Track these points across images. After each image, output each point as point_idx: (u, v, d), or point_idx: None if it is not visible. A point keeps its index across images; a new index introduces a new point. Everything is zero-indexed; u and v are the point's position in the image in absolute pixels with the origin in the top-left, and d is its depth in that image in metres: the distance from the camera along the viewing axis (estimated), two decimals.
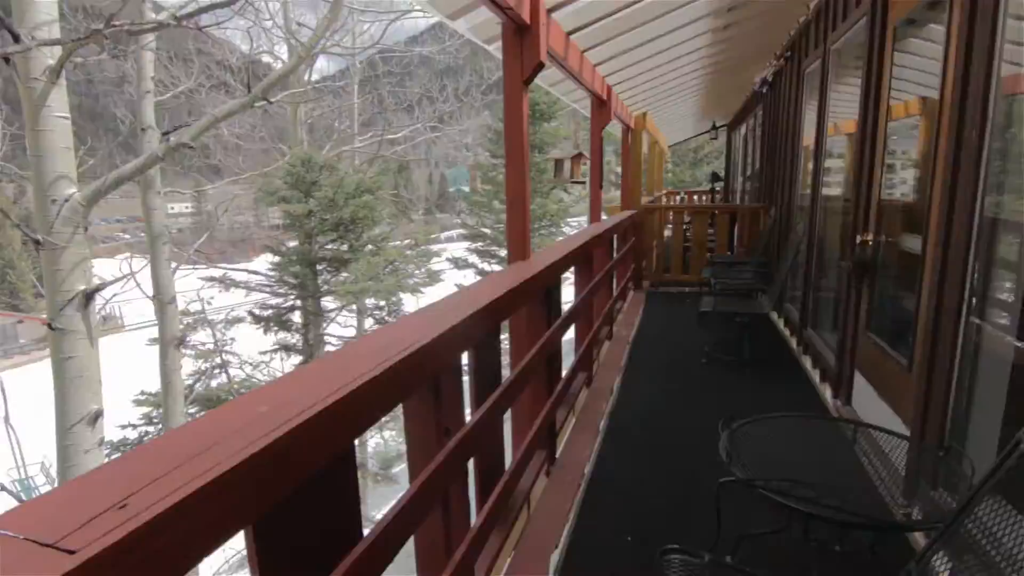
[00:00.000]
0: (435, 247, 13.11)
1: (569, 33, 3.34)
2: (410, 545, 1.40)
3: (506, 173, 2.69)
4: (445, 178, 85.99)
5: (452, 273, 16.11)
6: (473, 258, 18.85)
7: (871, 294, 3.18)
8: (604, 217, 5.73)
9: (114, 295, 5.04)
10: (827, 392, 3.81)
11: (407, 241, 12.73)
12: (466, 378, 1.84)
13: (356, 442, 1.23)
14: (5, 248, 52.46)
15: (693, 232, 7.21)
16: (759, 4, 4.48)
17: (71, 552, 0.60)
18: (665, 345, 5.01)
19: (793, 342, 4.94)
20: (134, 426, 10.43)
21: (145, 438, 10.41)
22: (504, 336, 2.55)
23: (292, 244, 12.02)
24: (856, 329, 3.33)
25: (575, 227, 22.32)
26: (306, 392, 1.03)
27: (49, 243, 3.65)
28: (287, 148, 13.08)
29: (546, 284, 2.67)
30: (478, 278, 18.72)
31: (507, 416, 2.19)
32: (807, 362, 4.40)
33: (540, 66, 2.59)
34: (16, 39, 3.50)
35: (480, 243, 19.05)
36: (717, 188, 12.88)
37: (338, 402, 1.01)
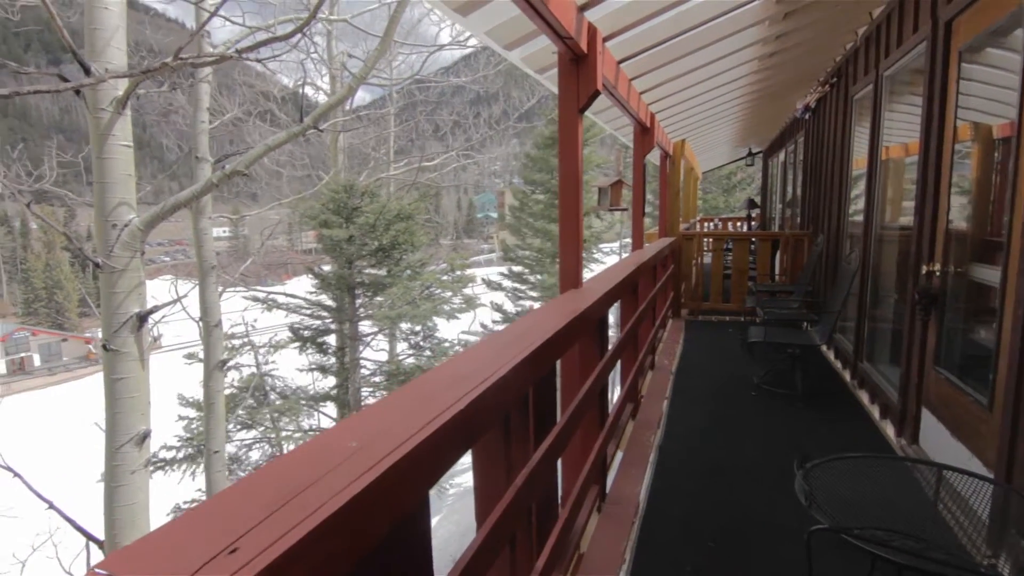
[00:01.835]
0: (468, 272, 13.19)
1: (619, 62, 3.35)
2: None
3: (560, 201, 2.67)
4: (473, 204, 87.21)
5: (484, 297, 16.14)
6: (506, 283, 18.90)
7: (939, 327, 3.03)
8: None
9: (163, 316, 5.16)
10: (889, 429, 3.62)
11: (442, 266, 12.86)
12: None
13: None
14: (54, 269, 54.85)
15: (733, 259, 7.07)
16: (806, 30, 4.43)
17: None
18: (710, 375, 4.87)
19: (846, 375, 4.74)
20: (173, 447, 10.60)
21: (180, 454, 10.54)
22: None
23: (327, 267, 12.25)
24: (922, 364, 3.17)
25: (607, 253, 22.21)
26: (395, 425, 1.00)
27: (108, 266, 3.77)
28: (324, 175, 13.44)
29: (600, 315, 2.62)
30: (511, 303, 18.71)
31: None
32: (863, 397, 4.20)
33: (596, 94, 2.59)
34: (87, 72, 3.67)
35: (512, 267, 19.11)
36: (753, 215, 12.69)
37: (429, 438, 0.97)
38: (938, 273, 3.00)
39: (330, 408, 12.04)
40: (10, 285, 60.25)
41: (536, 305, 19.28)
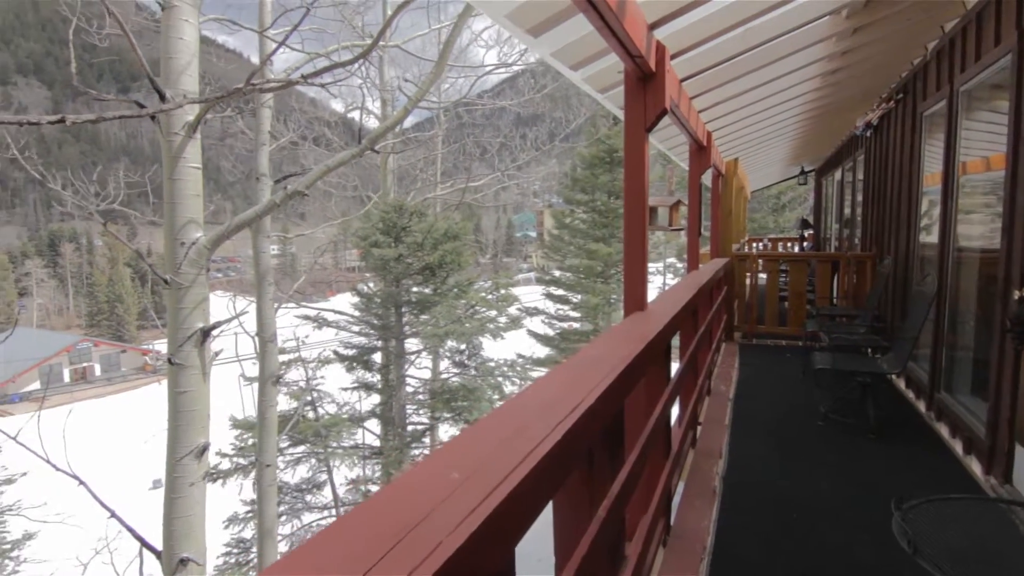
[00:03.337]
0: (512, 291, 13.22)
1: (681, 80, 3.29)
2: None
3: (625, 222, 2.61)
4: (512, 223, 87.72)
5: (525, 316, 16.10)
6: (546, 303, 18.83)
7: None
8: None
9: (221, 331, 5.31)
10: (975, 466, 3.36)
11: (488, 284, 12.93)
12: None
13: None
14: (116, 284, 57.87)
15: (790, 281, 6.82)
16: (874, 46, 4.28)
17: None
18: (771, 402, 4.66)
19: (920, 405, 4.46)
20: (227, 455, 10.87)
21: (225, 465, 10.78)
22: None
23: (372, 285, 12.48)
24: (1015, 396, 2.94)
25: (652, 273, 21.89)
26: (492, 457, 0.96)
27: (176, 282, 3.91)
28: (372, 195, 13.78)
29: (667, 340, 2.53)
30: (551, 323, 18.59)
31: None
32: (943, 430, 3.93)
33: (663, 113, 2.54)
34: (162, 98, 3.86)
35: (552, 288, 19.04)
36: (806, 235, 12.28)
37: (532, 471, 0.92)
38: None
39: (373, 425, 12.16)
40: (76, 298, 63.91)
41: (577, 326, 19.09)
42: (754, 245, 14.59)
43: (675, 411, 3.92)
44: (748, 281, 7.00)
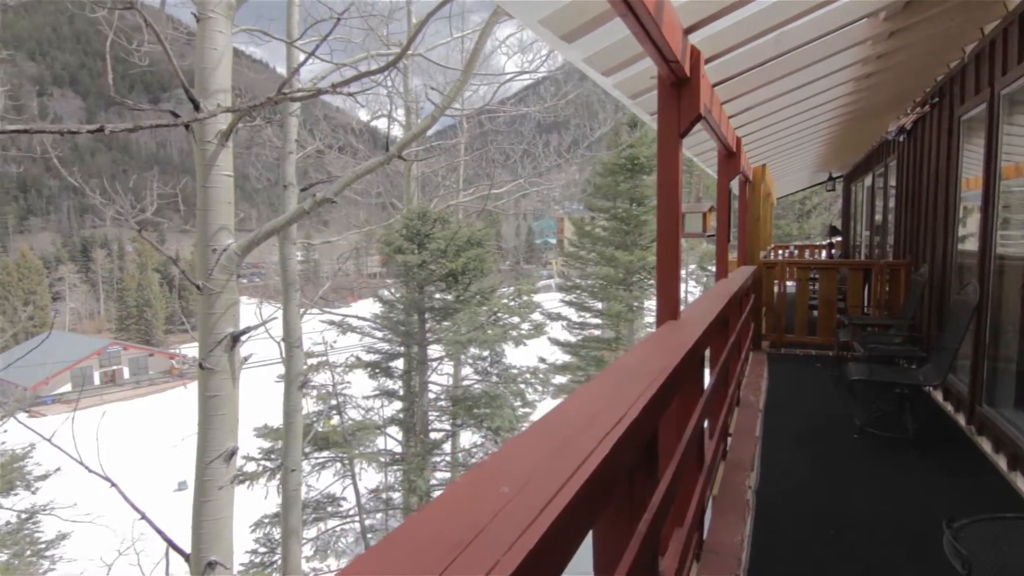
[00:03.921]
0: (533, 298, 13.19)
1: (714, 85, 3.25)
2: None
3: (657, 228, 2.57)
4: (532, 230, 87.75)
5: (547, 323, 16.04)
6: (568, 310, 18.75)
7: None
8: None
9: (248, 337, 5.38)
10: (1021, 482, 3.23)
11: (511, 290, 12.94)
12: None
13: None
14: (145, 289, 59.28)
15: (820, 290, 6.67)
16: (910, 49, 4.18)
17: None
18: (802, 414, 4.54)
19: (960, 419, 4.30)
20: (254, 459, 10.99)
21: (247, 468, 10.89)
22: None
23: (394, 291, 12.55)
24: None
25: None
26: (539, 471, 0.93)
27: (207, 288, 3.97)
28: (395, 202, 13.92)
29: (702, 351, 2.48)
30: (572, 330, 18.49)
31: None
32: (985, 444, 3.79)
33: (698, 119, 2.50)
34: (196, 107, 3.93)
35: (573, 295, 18.96)
36: (834, 242, 12.04)
37: (583, 487, 0.90)
38: None
39: (394, 431, 12.20)
40: (107, 303, 65.63)
41: (598, 333, 18.95)
42: (780, 252, 14.34)
43: (705, 421, 3.84)
44: (776, 289, 6.88)
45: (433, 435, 11.96)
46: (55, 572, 11.25)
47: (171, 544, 4.40)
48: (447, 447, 12.59)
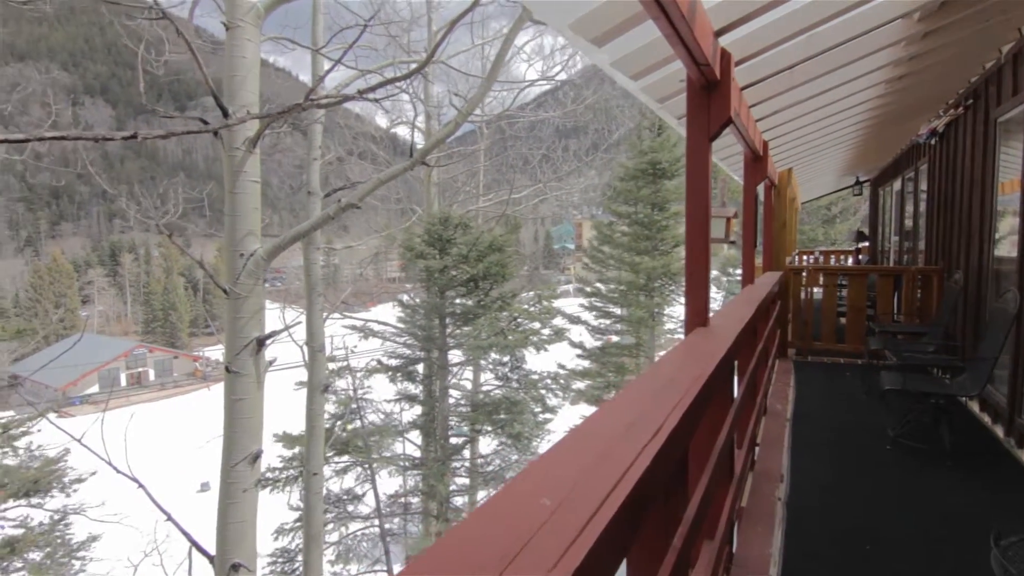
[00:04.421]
0: (554, 303, 13.14)
1: (742, 88, 3.20)
2: None
3: (687, 234, 2.53)
4: (550, 235, 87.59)
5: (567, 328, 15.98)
6: (587, 316, 18.65)
7: None
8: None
9: (272, 341, 5.44)
10: None
11: (532, 294, 12.93)
12: None
13: None
14: (170, 292, 60.48)
15: (848, 296, 6.52)
16: (944, 50, 4.07)
17: None
18: (831, 424, 4.43)
19: (998, 431, 4.16)
20: (276, 468, 11.10)
21: (270, 474, 10.99)
22: None
23: (414, 296, 12.60)
24: None
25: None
26: (578, 482, 0.91)
27: (235, 293, 4.02)
28: (416, 208, 14.00)
29: (732, 359, 2.43)
30: (593, 335, 18.39)
31: None
32: None
33: (728, 122, 2.46)
34: (225, 114, 4.00)
35: (593, 300, 18.85)
36: (861, 247, 11.80)
37: (625, 500, 0.87)
38: None
39: (414, 436, 12.23)
40: (133, 306, 67.14)
41: (617, 339, 18.80)
42: (804, 258, 14.08)
43: (735, 431, 3.76)
44: (803, 296, 6.74)
45: (453, 440, 11.96)
46: (85, 574, 11.46)
47: (196, 546, 4.45)
48: (467, 452, 12.57)
